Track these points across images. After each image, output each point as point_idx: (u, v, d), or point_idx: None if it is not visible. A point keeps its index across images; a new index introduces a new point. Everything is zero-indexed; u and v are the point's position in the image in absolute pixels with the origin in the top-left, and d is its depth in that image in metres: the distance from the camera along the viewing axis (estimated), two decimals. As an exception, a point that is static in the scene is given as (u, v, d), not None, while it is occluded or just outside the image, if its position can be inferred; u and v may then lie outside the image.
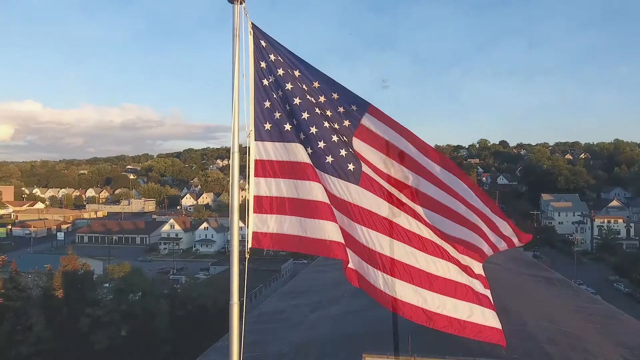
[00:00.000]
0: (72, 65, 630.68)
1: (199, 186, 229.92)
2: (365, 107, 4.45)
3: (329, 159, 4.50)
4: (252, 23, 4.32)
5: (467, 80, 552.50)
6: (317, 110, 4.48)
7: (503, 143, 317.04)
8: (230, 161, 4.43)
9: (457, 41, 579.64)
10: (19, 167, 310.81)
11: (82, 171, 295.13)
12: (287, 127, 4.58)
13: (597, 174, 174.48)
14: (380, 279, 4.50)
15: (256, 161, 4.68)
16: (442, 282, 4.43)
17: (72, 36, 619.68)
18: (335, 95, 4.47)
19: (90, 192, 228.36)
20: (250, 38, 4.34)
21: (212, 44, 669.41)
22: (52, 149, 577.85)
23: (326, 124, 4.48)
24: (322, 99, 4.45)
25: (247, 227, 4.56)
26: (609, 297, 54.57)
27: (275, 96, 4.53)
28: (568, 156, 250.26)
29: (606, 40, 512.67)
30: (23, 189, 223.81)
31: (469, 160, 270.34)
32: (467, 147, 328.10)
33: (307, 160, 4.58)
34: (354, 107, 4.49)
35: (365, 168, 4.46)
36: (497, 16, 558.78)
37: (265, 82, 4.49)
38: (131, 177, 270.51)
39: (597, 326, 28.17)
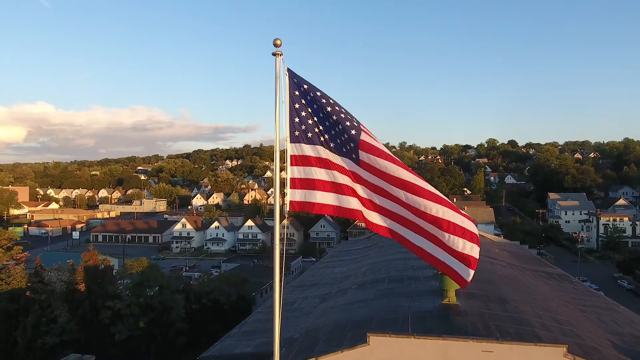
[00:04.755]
0: (83, 67, 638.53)
1: (209, 186, 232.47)
2: (359, 123, 6.66)
3: (345, 148, 6.66)
4: (287, 68, 6.49)
5: (476, 79, 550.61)
6: (334, 117, 6.60)
7: (512, 142, 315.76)
8: (274, 159, 6.28)
9: (462, 40, 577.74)
10: (32, 169, 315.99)
11: (94, 172, 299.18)
12: (310, 134, 6.68)
13: (606, 173, 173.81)
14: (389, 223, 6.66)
15: (291, 156, 6.63)
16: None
17: (82, 39, 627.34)
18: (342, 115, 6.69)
19: (103, 193, 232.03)
20: (287, 78, 6.50)
21: (220, 44, 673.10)
22: (64, 150, 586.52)
23: (340, 126, 6.58)
24: (334, 116, 6.60)
25: (287, 197, 6.44)
26: (612, 293, 55.57)
27: (303, 114, 6.63)
28: (577, 155, 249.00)
29: (616, 39, 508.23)
30: (37, 189, 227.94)
31: (477, 160, 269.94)
32: (475, 146, 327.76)
33: (324, 155, 6.71)
34: (354, 123, 6.68)
35: (364, 155, 6.64)
36: (504, 15, 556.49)
37: (297, 105, 6.62)
38: (142, 177, 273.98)
39: (591, 316, 29.77)
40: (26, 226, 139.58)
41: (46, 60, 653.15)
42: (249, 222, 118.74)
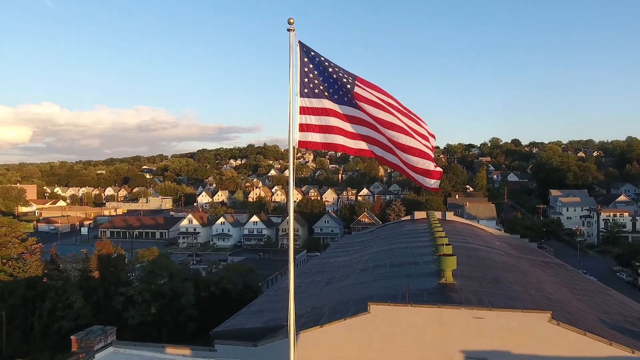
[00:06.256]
0: (87, 68, 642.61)
1: (214, 184, 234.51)
2: (354, 77, 8.57)
3: (345, 98, 8.53)
4: (299, 40, 8.22)
5: (479, 79, 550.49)
6: (334, 77, 8.50)
7: (515, 142, 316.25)
8: (289, 121, 7.92)
9: (465, 40, 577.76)
10: (38, 168, 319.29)
11: (100, 171, 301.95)
12: (316, 90, 8.47)
13: (608, 171, 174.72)
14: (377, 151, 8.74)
15: (301, 107, 8.39)
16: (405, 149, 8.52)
17: (86, 39, 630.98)
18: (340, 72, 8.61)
19: (109, 191, 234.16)
20: (298, 48, 8.22)
21: (224, 45, 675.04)
22: (69, 150, 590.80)
23: (340, 83, 8.48)
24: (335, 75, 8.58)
25: (297, 137, 8.14)
26: (611, 285, 56.51)
27: (311, 75, 8.38)
28: (581, 154, 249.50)
29: (620, 39, 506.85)
30: (45, 187, 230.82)
31: (480, 158, 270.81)
32: (478, 145, 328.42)
33: (328, 106, 8.54)
34: (351, 77, 8.55)
35: (360, 104, 8.53)
36: (507, 15, 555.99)
37: (306, 69, 8.39)
38: (148, 176, 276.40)
39: (583, 297, 31.28)
40: (35, 222, 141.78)
41: (51, 60, 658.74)
42: (254, 218, 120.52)
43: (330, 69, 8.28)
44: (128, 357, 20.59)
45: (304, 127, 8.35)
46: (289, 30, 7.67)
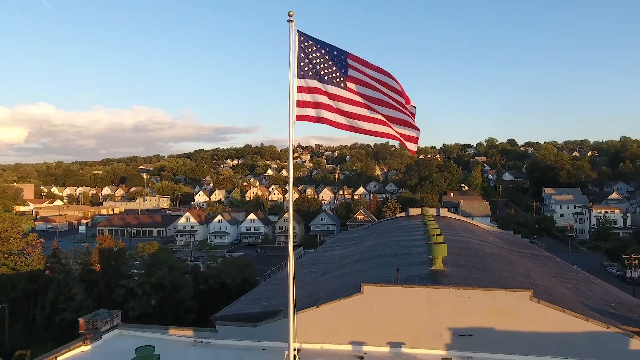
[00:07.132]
0: (84, 68, 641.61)
1: (211, 184, 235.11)
2: (346, 54, 9.76)
3: (335, 80, 9.71)
4: (298, 30, 9.34)
5: (476, 79, 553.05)
6: (330, 62, 9.67)
7: (511, 141, 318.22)
8: (289, 102, 9.06)
9: (462, 41, 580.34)
10: (35, 168, 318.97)
11: (96, 171, 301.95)
12: (310, 73, 9.59)
13: (602, 170, 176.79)
14: (364, 125, 9.88)
15: (298, 86, 9.50)
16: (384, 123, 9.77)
17: (83, 39, 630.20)
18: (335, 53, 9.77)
19: (106, 191, 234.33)
20: (296, 37, 9.35)
21: (221, 46, 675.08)
22: (65, 151, 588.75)
23: (333, 66, 9.66)
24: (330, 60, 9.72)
25: (295, 112, 9.30)
26: (601, 279, 57.62)
27: (307, 60, 9.48)
28: (575, 154, 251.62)
29: (616, 40, 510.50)
30: (42, 187, 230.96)
31: (475, 158, 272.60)
32: (474, 145, 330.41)
33: (319, 86, 9.65)
34: (343, 56, 9.75)
35: (349, 85, 9.77)
36: (504, 16, 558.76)
37: (302, 54, 9.52)
38: (145, 176, 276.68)
39: (568, 285, 32.56)
40: (33, 221, 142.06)
41: (48, 61, 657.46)
42: (251, 216, 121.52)
43: (327, 56, 9.45)
44: (134, 338, 21.59)
45: (300, 104, 9.50)
46: (289, 21, 8.85)
